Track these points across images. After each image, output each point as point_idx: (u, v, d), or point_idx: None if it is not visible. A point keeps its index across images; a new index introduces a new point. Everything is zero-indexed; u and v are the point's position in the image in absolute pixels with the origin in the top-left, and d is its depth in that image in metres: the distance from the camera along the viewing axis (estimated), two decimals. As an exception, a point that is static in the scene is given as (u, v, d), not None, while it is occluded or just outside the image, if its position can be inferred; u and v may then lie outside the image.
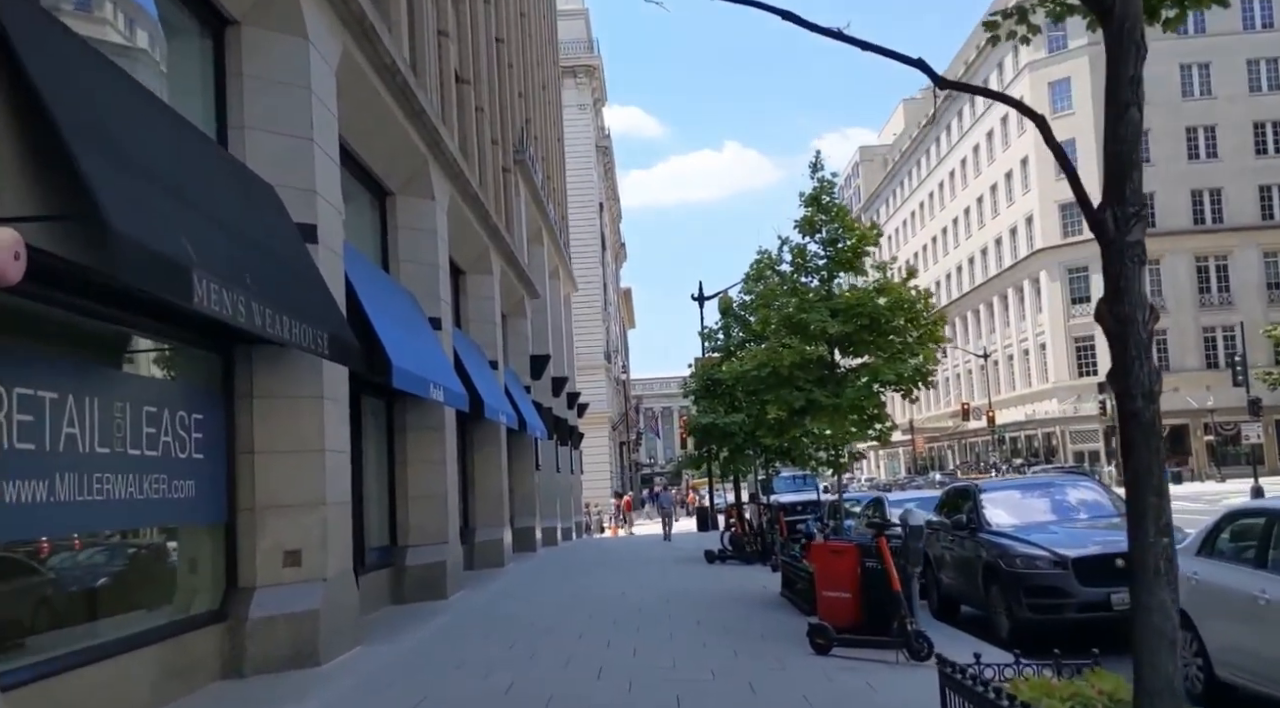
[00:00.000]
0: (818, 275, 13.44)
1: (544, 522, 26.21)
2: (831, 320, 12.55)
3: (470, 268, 19.24)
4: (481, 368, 17.61)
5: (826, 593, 10.08)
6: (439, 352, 13.72)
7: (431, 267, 14.30)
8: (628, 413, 77.39)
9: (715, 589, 14.89)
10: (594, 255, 66.06)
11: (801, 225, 13.48)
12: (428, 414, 14.03)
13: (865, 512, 17.76)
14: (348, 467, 9.72)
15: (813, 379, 12.97)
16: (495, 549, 18.96)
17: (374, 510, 13.38)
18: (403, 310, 12.86)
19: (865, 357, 13.18)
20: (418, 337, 12.77)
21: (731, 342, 22.71)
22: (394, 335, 11.02)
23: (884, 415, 12.93)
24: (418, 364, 11.58)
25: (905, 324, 12.73)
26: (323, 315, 8.18)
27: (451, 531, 14.30)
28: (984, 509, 11.08)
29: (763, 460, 22.14)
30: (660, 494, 36.61)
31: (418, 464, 13.92)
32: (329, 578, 8.90)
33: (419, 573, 13.62)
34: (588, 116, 67.91)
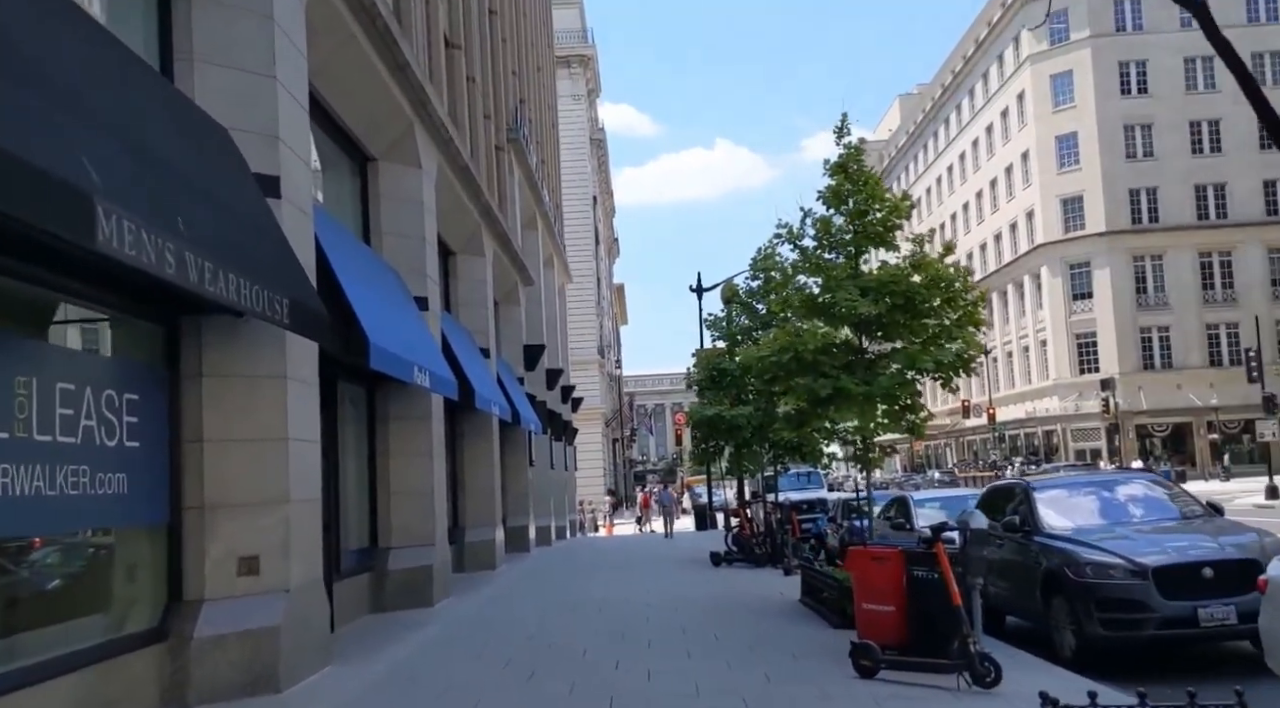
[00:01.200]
0: (843, 252, 12.18)
1: (538, 520, 24.93)
2: (862, 300, 11.29)
3: (461, 248, 17.92)
4: (472, 355, 16.31)
5: (867, 606, 8.81)
6: (425, 334, 12.42)
7: (417, 241, 12.98)
8: (621, 409, 76.13)
9: (727, 595, 13.62)
10: (588, 249, 64.81)
11: (827, 196, 12.22)
12: (413, 403, 12.72)
13: (887, 512, 16.49)
14: (318, 459, 8.41)
15: (839, 365, 11.71)
16: (486, 550, 17.66)
17: (352, 509, 12.08)
18: (385, 287, 11.56)
19: (897, 341, 11.92)
20: (401, 316, 11.47)
21: (735, 329, 21.41)
22: (373, 311, 9.72)
23: (918, 406, 11.68)
24: (401, 345, 10.27)
25: (942, 305, 11.48)
26: (283, 279, 6.87)
27: (439, 531, 13.00)
28: (1039, 510, 9.82)
29: (771, 456, 20.83)
30: (660, 492, 35.40)
31: (402, 458, 12.62)
32: (293, 588, 7.60)
33: (402, 578, 12.32)
34: (582, 107, 66.68)
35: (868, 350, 12.07)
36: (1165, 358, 61.34)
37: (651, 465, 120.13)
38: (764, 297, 21.14)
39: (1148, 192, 61.92)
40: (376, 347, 8.89)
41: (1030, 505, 9.92)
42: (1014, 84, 66.94)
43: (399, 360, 9.79)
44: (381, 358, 9.07)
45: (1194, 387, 59.81)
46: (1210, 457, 60.19)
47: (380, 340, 9.14)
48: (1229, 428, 60.45)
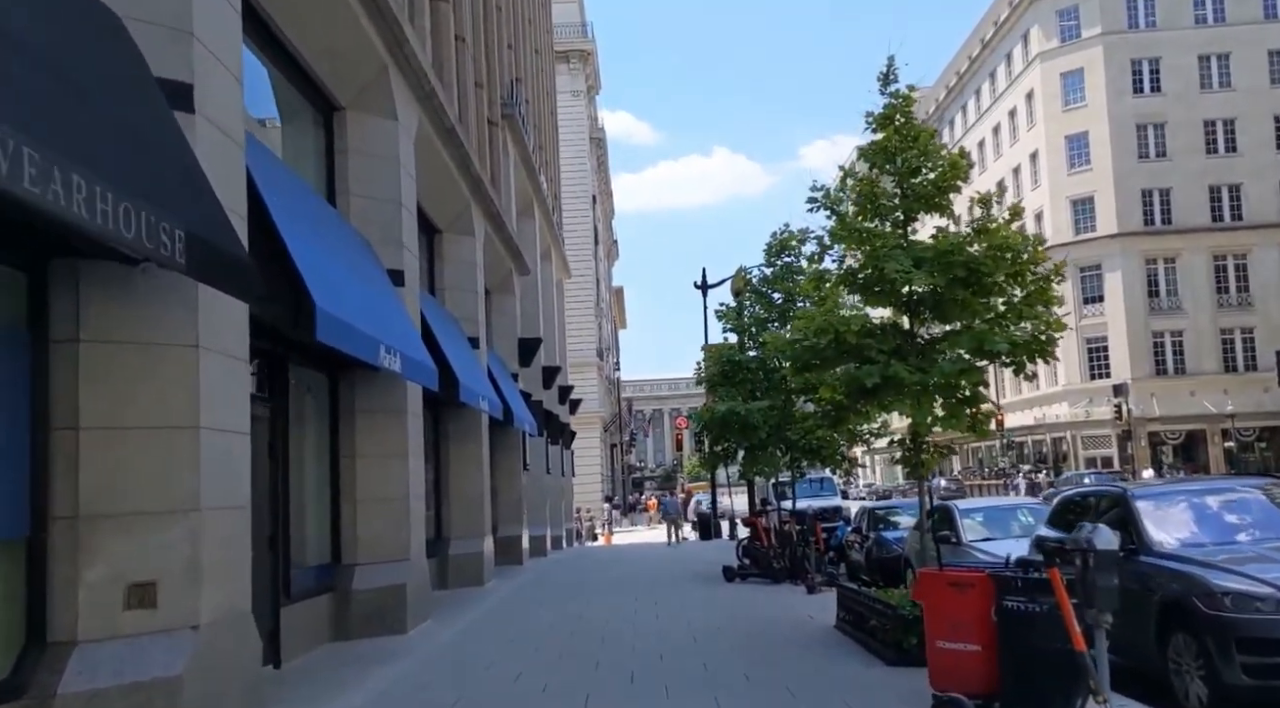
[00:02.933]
0: (889, 219, 10.40)
1: (532, 530, 23.06)
2: (916, 272, 9.50)
3: (448, 226, 16.09)
4: (458, 343, 14.47)
5: (943, 644, 6.98)
6: (399, 312, 10.59)
7: (392, 205, 11.16)
8: (620, 414, 74.27)
9: (749, 620, 11.78)
10: (587, 248, 63.06)
11: (871, 154, 10.43)
12: (385, 394, 10.88)
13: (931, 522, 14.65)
14: (245, 456, 6.56)
15: (888, 350, 9.91)
16: (473, 564, 15.80)
17: (310, 519, 10.23)
18: (347, 252, 9.74)
19: (954, 322, 10.13)
20: (368, 288, 9.63)
21: (748, 321, 19.59)
22: (326, 274, 7.89)
23: (980, 397, 9.87)
24: (364, 318, 8.44)
25: (1006, 280, 9.68)
26: (183, 207, 5.04)
27: (414, 544, 11.15)
28: (1145, 524, 7.99)
29: (788, 459, 18.99)
30: (666, 499, 33.60)
31: (371, 459, 10.77)
32: (204, 624, 5.75)
33: (370, 600, 10.46)
34: (581, 104, 65.02)
35: (917, 334, 10.26)
36: (1178, 363, 59.73)
37: (650, 472, 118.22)
38: (779, 283, 19.40)
39: (1160, 192, 60.38)
40: (326, 313, 7.05)
41: (1133, 518, 8.09)
42: (1023, 83, 65.39)
43: (359, 336, 7.95)
44: (333, 329, 7.23)
45: (1208, 393, 58.20)
46: (1225, 465, 58.51)
47: (332, 307, 7.30)
48: (1244, 436, 58.80)
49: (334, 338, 7.32)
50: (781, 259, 19.79)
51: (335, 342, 7.42)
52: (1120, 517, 8.31)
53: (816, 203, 10.76)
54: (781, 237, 20.04)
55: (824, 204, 10.71)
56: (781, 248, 19.90)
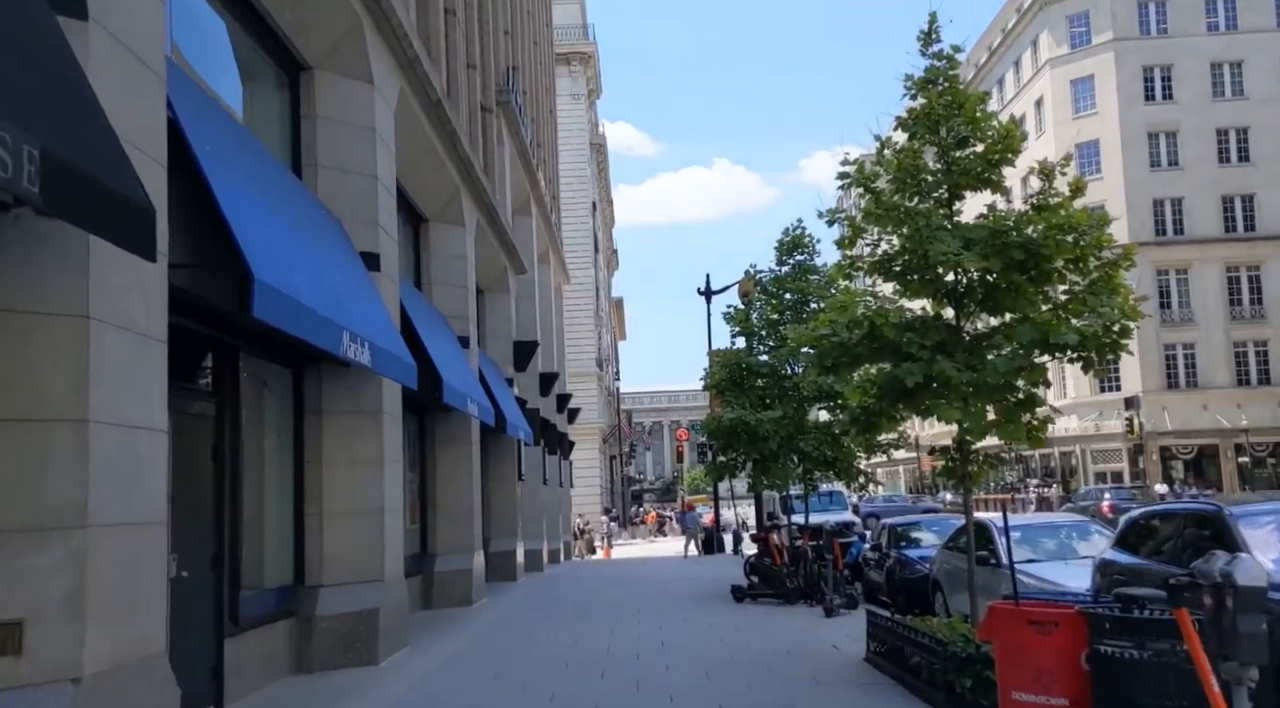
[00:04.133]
0: (932, 197, 9.14)
1: (528, 543, 21.73)
2: (967, 254, 8.25)
3: (436, 214, 14.83)
4: (443, 339, 13.19)
5: (1020, 696, 5.68)
6: (372, 299, 9.30)
7: (365, 179, 9.89)
8: (619, 425, 72.93)
9: (767, 649, 10.45)
10: (587, 256, 61.85)
11: (910, 123, 9.16)
12: (357, 391, 9.59)
13: (955, 541, 13.32)
14: (158, 458, 5.27)
15: (931, 345, 8.65)
16: (461, 583, 14.47)
17: (268, 534, 8.92)
18: (309, 227, 8.46)
19: (1005, 314, 8.86)
20: (333, 268, 8.36)
21: (759, 322, 18.34)
22: (272, 241, 6.63)
23: (1036, 399, 8.58)
24: (324, 299, 7.17)
25: (1067, 266, 8.41)
26: (50, 124, 3.76)
27: (390, 562, 9.84)
28: (1252, 549, 6.68)
29: (800, 471, 17.69)
30: (686, 514, 32.64)
31: (341, 466, 9.47)
32: (90, 675, 4.46)
33: (336, 627, 9.14)
34: (582, 108, 63.93)
35: (963, 328, 8.98)
36: (1190, 377, 58.55)
37: (649, 484, 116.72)
38: (792, 283, 18.15)
39: (1172, 202, 59.33)
40: (266, 286, 5.76)
41: (1236, 542, 6.77)
42: (1032, 89, 64.40)
43: (314, 318, 6.67)
44: (276, 306, 5.94)
45: (1220, 407, 57.02)
46: (1239, 482, 57.23)
47: (276, 280, 6.01)
48: (1257, 451, 57.54)
49: (279, 317, 6.03)
50: (794, 257, 18.59)
51: (282, 322, 6.13)
52: (1213, 540, 7.02)
53: (848, 179, 9.48)
54: (794, 234, 18.82)
55: (857, 180, 9.43)
56: (794, 246, 18.67)
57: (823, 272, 18.65)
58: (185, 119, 5.84)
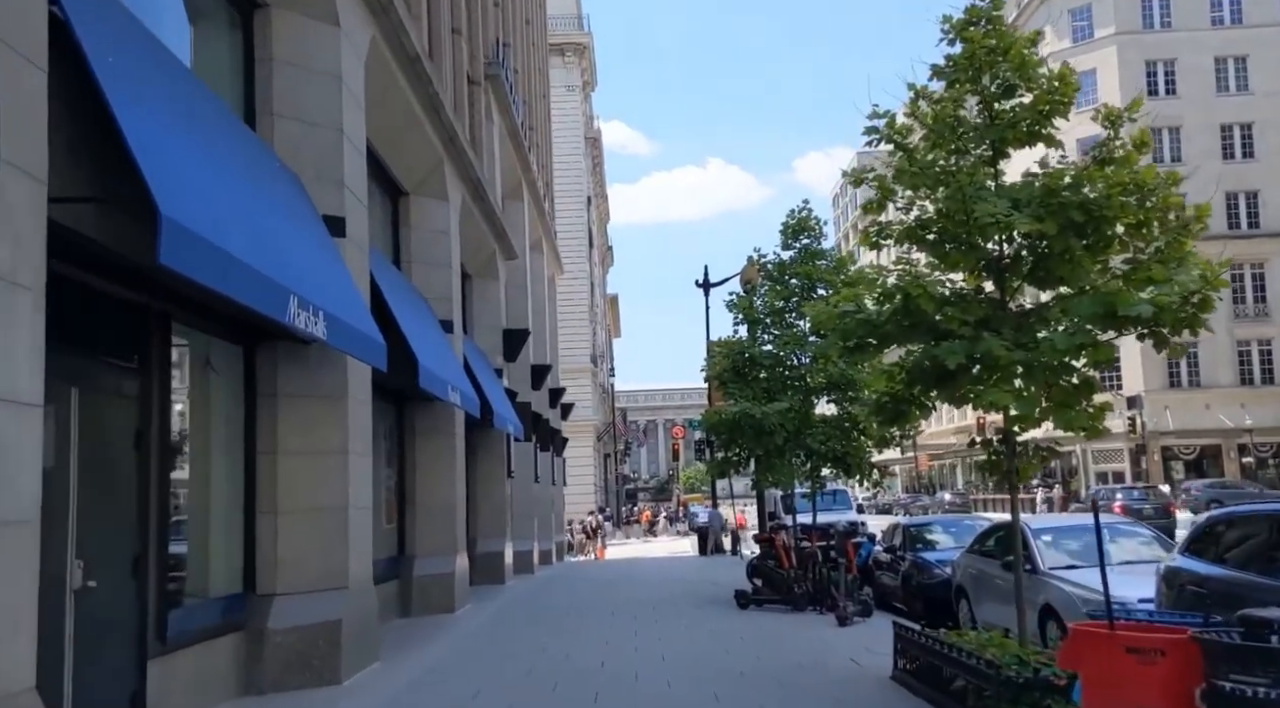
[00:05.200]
0: (972, 155, 8.03)
1: (517, 544, 20.58)
2: (1017, 215, 7.15)
3: (417, 187, 13.68)
4: (422, 321, 12.06)
5: (1117, 739, 4.58)
6: (334, 267, 8.16)
7: (329, 132, 8.74)
8: (614, 423, 71.79)
9: (780, 664, 9.33)
10: (581, 250, 60.72)
11: (948, 71, 8.03)
12: (318, 372, 8.45)
13: (981, 545, 12.21)
14: (31, 441, 4.12)
15: (974, 321, 7.54)
16: (443, 588, 13.32)
17: (214, 534, 7.79)
18: (258, 179, 7.31)
19: (1057, 287, 7.74)
20: (284, 226, 7.21)
21: (763, 309, 17.24)
22: (197, 179, 5.50)
23: (1094, 385, 7.47)
24: (266, 257, 6.04)
25: (1129, 231, 7.30)
26: None
27: (356, 566, 8.70)
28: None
29: (808, 468, 16.58)
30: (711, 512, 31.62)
31: (299, 456, 8.33)
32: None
33: (292, 642, 8.00)
34: (576, 99, 62.77)
35: (1007, 303, 7.86)
36: (1193, 376, 57.78)
37: (643, 483, 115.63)
38: (799, 268, 17.03)
39: (1175, 198, 58.33)
40: (178, 228, 4.60)
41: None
42: (1034, 83, 63.33)
43: (251, 277, 5.53)
44: (196, 255, 4.79)
45: (1224, 407, 56.25)
46: (1241, 481, 56.39)
47: (197, 224, 4.87)
48: (1261, 451, 56.73)
49: (198, 268, 4.88)
50: (800, 241, 17.49)
51: (204, 275, 4.98)
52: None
53: (876, 135, 8.35)
54: (800, 216, 17.73)
55: (886, 136, 8.29)
56: (800, 229, 17.56)
57: (830, 256, 17.57)
58: (81, 23, 4.69)
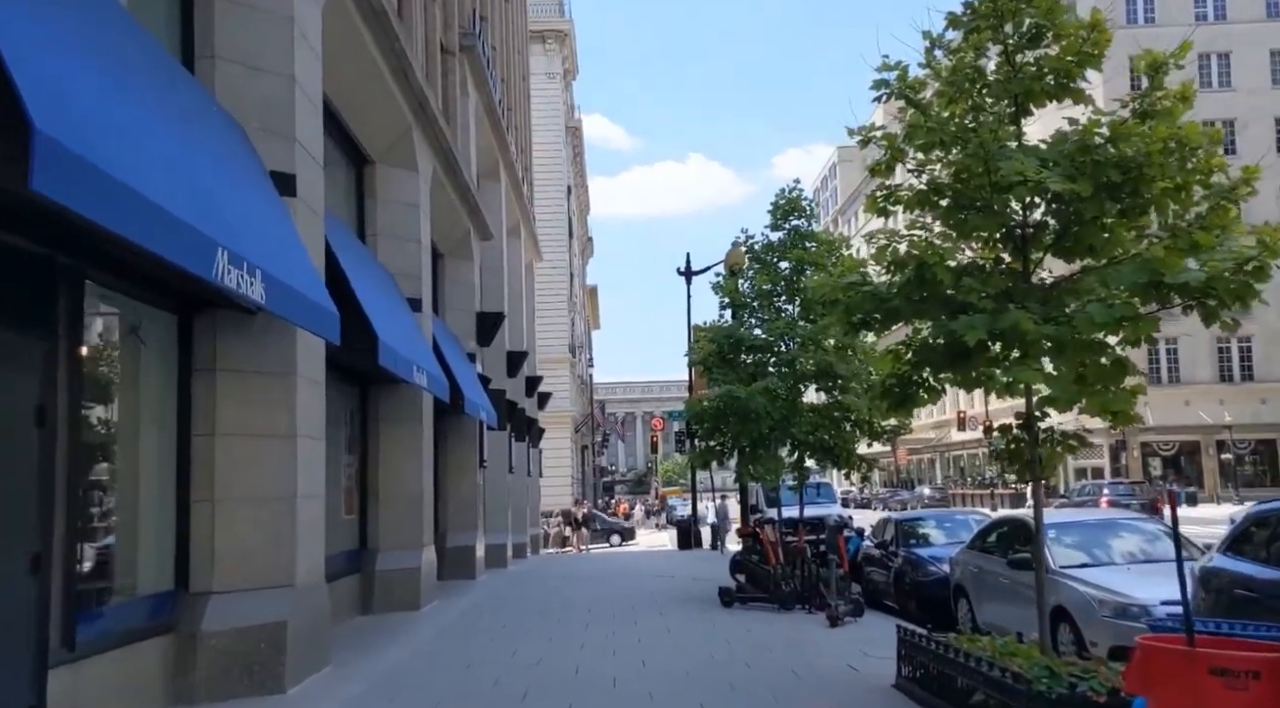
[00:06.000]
0: (991, 113, 7.25)
1: (490, 537, 19.74)
2: (1048, 173, 6.37)
3: (383, 155, 12.78)
4: (385, 295, 11.18)
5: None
6: (279, 226, 7.27)
7: (277, 79, 7.84)
8: (592, 414, 70.95)
9: (772, 671, 8.56)
10: (561, 239, 59.74)
11: (966, 19, 7.20)
12: (263, 346, 7.57)
13: (981, 542, 11.48)
14: None
15: (996, 294, 6.77)
16: (407, 584, 12.46)
17: (142, 526, 6.91)
18: (185, 117, 6.42)
19: (1085, 257, 6.98)
20: (220, 175, 6.33)
21: (750, 292, 16.48)
22: (97, 102, 4.62)
23: (1127, 366, 6.69)
24: (190, 204, 5.17)
25: (1162, 194, 6.53)
26: None
27: (304, 561, 7.84)
28: None
29: (794, 459, 15.83)
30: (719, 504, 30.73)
31: (240, 439, 7.45)
32: None
33: (231, 645, 7.13)
34: (557, 87, 61.72)
35: (1029, 273, 7.09)
36: (1172, 372, 57.72)
37: (621, 475, 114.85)
38: (789, 251, 16.25)
39: (1158, 194, 58.27)
40: (57, 148, 3.73)
41: None
42: (1020, 76, 63.03)
43: (165, 221, 4.66)
44: (83, 185, 3.91)
45: (1203, 403, 56.28)
46: (1219, 479, 56.40)
47: (85, 147, 3.99)
48: (1239, 447, 56.75)
49: (88, 202, 4.01)
50: (789, 222, 16.72)
51: (95, 211, 4.10)
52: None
53: (885, 89, 7.54)
54: (790, 195, 16.95)
55: (897, 91, 7.49)
56: (790, 209, 16.79)
57: (821, 238, 16.82)
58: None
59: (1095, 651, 8.48)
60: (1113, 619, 8.44)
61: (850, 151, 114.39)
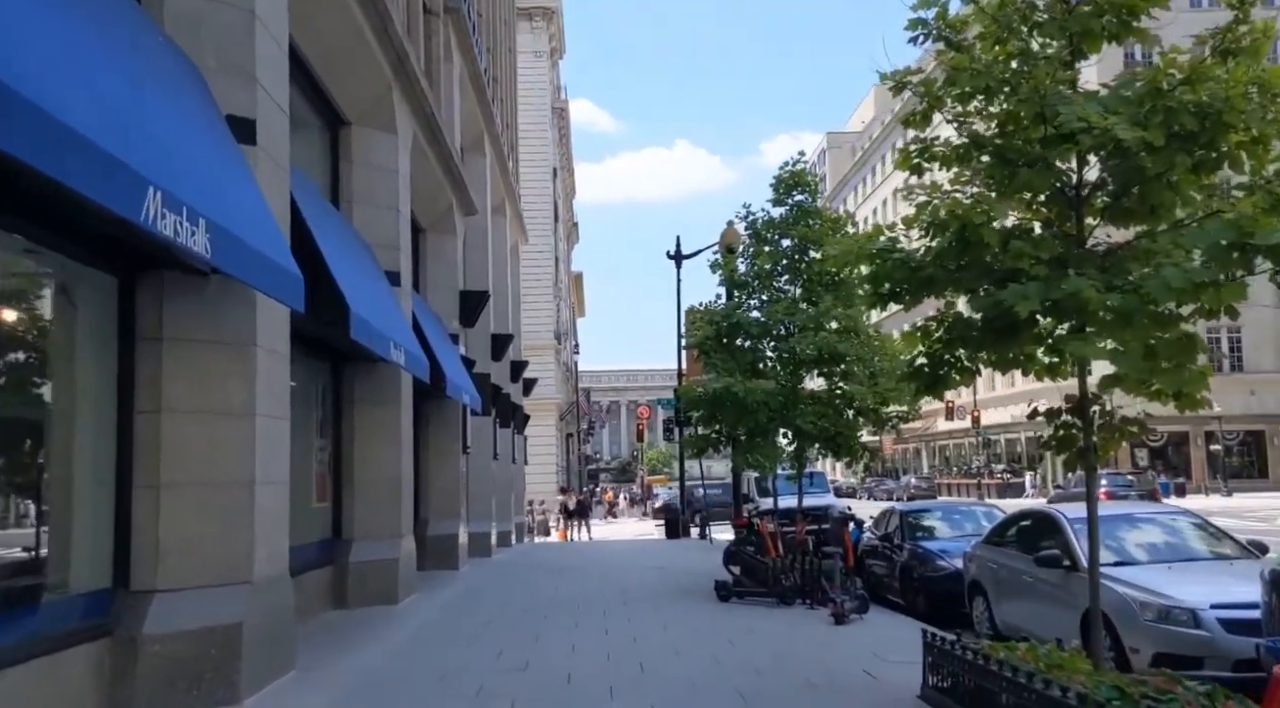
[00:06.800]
0: (1041, 59, 6.42)
1: (473, 525, 18.91)
2: (1116, 119, 5.58)
3: (360, 116, 11.86)
4: (360, 265, 10.29)
5: None
6: (235, 175, 6.39)
7: (240, 13, 6.93)
8: (578, 402, 70.12)
9: (783, 679, 7.78)
10: (547, 223, 58.77)
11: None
12: (217, 313, 6.69)
13: (1000, 535, 10.74)
14: None
15: (1048, 259, 5.99)
16: (384, 575, 11.61)
17: (78, 515, 6.04)
18: (125, 49, 5.53)
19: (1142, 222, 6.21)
20: (163, 111, 5.46)
21: (750, 272, 15.68)
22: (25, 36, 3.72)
23: (1200, 341, 5.94)
24: (117, 134, 4.31)
25: (1252, 145, 5.77)
26: None
27: (262, 554, 6.98)
28: None
29: (793, 448, 15.06)
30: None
31: (189, 416, 6.58)
32: None
33: (177, 650, 6.28)
34: (544, 66, 60.66)
35: (1085, 237, 6.31)
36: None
37: (605, 464, 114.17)
38: (793, 227, 15.43)
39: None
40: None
41: None
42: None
43: (74, 143, 3.79)
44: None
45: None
46: (1207, 471, 56.17)
47: None
48: (1228, 438, 56.50)
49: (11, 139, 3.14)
50: (793, 197, 15.89)
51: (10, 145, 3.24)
52: None
53: (922, 30, 6.70)
54: (793, 167, 16.13)
55: (937, 32, 6.65)
56: (794, 183, 15.97)
57: (825, 215, 16.01)
58: None
59: (1137, 658, 7.76)
60: (1156, 624, 7.73)
61: (839, 138, 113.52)
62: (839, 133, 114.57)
